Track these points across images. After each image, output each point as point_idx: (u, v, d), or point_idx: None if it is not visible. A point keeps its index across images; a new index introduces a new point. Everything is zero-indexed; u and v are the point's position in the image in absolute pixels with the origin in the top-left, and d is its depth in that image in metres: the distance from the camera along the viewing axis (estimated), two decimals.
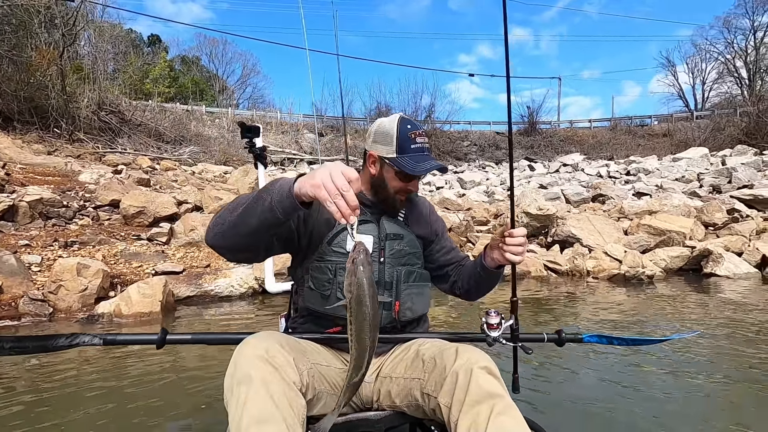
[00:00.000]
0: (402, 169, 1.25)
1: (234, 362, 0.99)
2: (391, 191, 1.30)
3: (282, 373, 0.96)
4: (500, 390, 1.02)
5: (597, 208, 8.89)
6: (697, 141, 20.80)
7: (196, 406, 2.11)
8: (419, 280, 1.34)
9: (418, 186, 1.36)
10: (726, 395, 2.23)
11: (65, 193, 6.49)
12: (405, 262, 1.31)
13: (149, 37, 33.35)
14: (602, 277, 5.46)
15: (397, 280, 1.29)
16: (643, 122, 29.05)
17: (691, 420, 1.97)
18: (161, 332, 1.25)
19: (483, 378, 1.02)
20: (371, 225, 1.30)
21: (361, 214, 1.22)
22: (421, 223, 1.41)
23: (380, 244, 1.29)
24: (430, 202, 1.51)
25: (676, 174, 12.80)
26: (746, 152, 15.29)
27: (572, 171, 15.76)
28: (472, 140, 26.63)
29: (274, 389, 0.92)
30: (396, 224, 1.34)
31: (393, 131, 1.28)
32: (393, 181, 1.29)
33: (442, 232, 1.48)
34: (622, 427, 1.93)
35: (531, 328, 3.55)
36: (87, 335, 1.19)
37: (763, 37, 31.62)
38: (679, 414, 2.03)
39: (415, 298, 1.32)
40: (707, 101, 33.72)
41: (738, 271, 5.39)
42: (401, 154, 1.26)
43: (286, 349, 1.03)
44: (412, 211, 1.41)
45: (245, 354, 0.99)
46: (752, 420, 1.97)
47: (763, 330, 3.23)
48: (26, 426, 1.89)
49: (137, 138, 17.05)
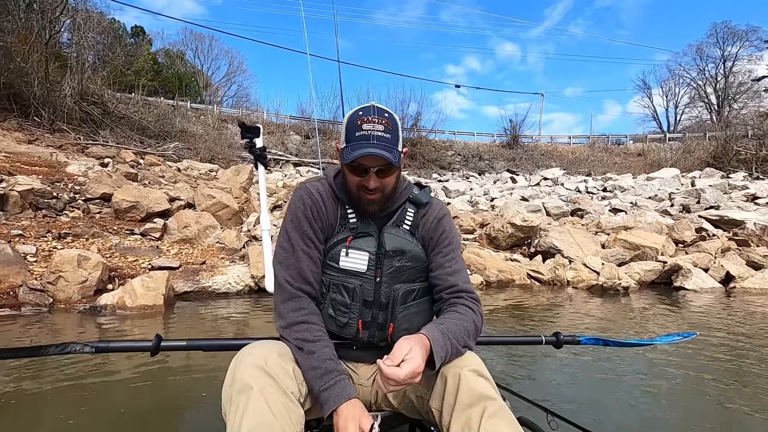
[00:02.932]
0: (344, 161, 1.15)
1: (232, 372, 0.99)
2: (354, 190, 1.20)
3: (280, 383, 0.97)
4: (491, 392, 1.00)
5: (576, 222, 9.29)
6: (669, 162, 21.79)
7: (192, 415, 2.07)
8: (420, 296, 1.26)
9: (380, 182, 1.16)
10: (717, 395, 2.29)
11: (54, 185, 6.41)
12: (405, 279, 1.23)
13: (133, 28, 32.64)
14: (581, 287, 5.77)
15: (394, 300, 1.21)
16: (619, 141, 30.22)
17: (686, 421, 2.00)
18: (155, 339, 1.22)
19: (473, 380, 1.00)
20: (370, 239, 1.21)
21: (359, 225, 1.23)
22: (428, 226, 1.29)
23: (377, 261, 1.21)
24: (446, 210, 1.35)
25: (650, 192, 13.44)
26: (714, 175, 16.16)
27: (552, 185, 16.31)
28: (457, 150, 27.12)
29: (272, 400, 0.92)
30: (398, 235, 1.24)
31: (345, 120, 1.18)
32: (348, 175, 1.19)
33: (445, 243, 1.28)
34: (622, 426, 1.95)
35: (525, 331, 3.75)
36: (78, 343, 1.17)
37: (732, 67, 33.54)
38: (671, 415, 2.07)
39: (413, 317, 1.24)
40: (679, 123, 35.49)
41: (704, 286, 5.78)
42: (347, 143, 1.15)
43: (284, 359, 1.04)
44: (422, 215, 1.29)
45: (243, 364, 0.98)
46: (746, 419, 2.00)
47: (740, 340, 3.54)
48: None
49: (120, 131, 16.70)
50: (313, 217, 1.21)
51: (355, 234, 1.22)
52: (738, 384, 2.54)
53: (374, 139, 1.11)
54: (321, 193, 1.24)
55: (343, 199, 1.26)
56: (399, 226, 1.26)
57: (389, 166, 1.15)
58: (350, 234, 1.22)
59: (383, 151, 1.10)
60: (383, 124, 1.13)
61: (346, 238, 1.21)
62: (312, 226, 1.20)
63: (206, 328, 3.45)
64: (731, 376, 2.65)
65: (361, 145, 1.11)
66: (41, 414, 1.99)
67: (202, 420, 1.99)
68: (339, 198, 1.26)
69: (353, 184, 1.19)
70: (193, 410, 2.12)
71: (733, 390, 2.44)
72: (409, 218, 1.28)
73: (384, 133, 1.12)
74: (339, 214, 1.25)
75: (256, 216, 6.84)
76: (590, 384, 2.47)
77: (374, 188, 1.16)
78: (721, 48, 34.13)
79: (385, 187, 1.18)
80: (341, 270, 1.20)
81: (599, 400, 2.27)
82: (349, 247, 1.20)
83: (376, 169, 1.14)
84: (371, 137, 1.11)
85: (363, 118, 1.13)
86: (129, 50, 26.11)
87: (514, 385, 2.34)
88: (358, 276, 1.20)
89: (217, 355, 2.59)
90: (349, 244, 1.20)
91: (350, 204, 1.25)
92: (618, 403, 2.24)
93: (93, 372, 2.47)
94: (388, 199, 1.22)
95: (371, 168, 1.14)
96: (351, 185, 1.20)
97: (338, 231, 1.24)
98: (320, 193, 1.24)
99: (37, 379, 2.36)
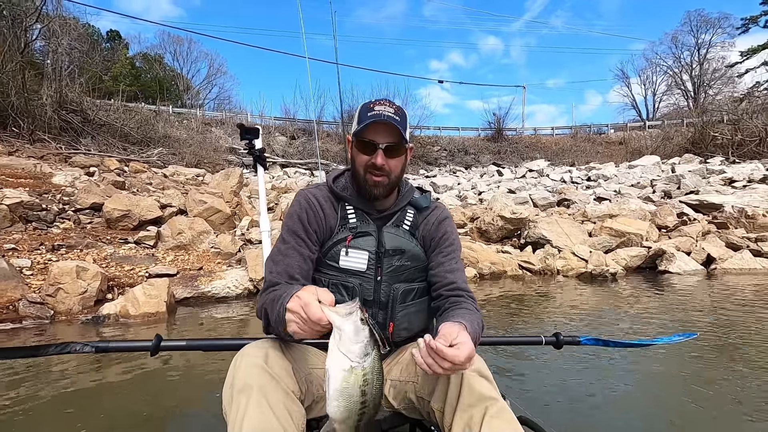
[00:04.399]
0: (355, 135, 1.22)
1: (233, 372, 0.99)
2: (361, 171, 1.23)
3: (281, 382, 0.97)
4: (493, 393, 1.00)
5: (563, 212, 9.51)
6: (650, 149, 22.33)
7: (192, 416, 2.07)
8: (420, 296, 1.28)
9: (387, 162, 1.21)
10: (718, 392, 2.28)
11: (42, 196, 6.33)
12: (404, 279, 1.25)
13: (108, 32, 31.96)
14: (571, 275, 5.95)
15: (393, 299, 1.23)
16: (600, 130, 30.80)
17: (688, 418, 2.01)
18: (155, 339, 1.21)
19: (475, 381, 1.01)
20: (370, 238, 1.24)
21: (359, 224, 1.25)
22: (429, 228, 1.33)
23: (377, 260, 1.23)
24: (448, 213, 1.40)
25: (632, 180, 13.79)
26: (692, 160, 16.65)
27: (538, 176, 16.59)
28: (442, 145, 27.33)
29: (273, 399, 0.92)
30: (398, 235, 1.27)
31: (358, 108, 1.27)
32: (357, 156, 1.24)
33: (446, 243, 1.31)
34: (621, 426, 1.97)
35: (524, 327, 3.87)
36: (78, 343, 1.16)
37: (706, 54, 34.41)
38: (674, 413, 2.07)
39: (412, 317, 1.26)
40: (657, 111, 36.32)
41: (687, 269, 6.02)
42: (359, 123, 1.22)
43: (284, 357, 1.04)
44: (423, 217, 1.33)
45: (244, 363, 0.98)
46: (745, 418, 2.01)
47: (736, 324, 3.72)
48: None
49: (102, 139, 16.45)
50: (308, 220, 1.24)
51: (354, 233, 1.24)
52: (732, 373, 2.55)
53: (384, 117, 1.18)
54: (318, 197, 1.28)
55: (344, 198, 1.29)
56: (399, 226, 1.28)
57: (397, 146, 1.21)
58: (350, 233, 1.24)
59: (393, 123, 1.18)
60: (394, 108, 1.21)
61: (345, 238, 1.23)
62: (305, 227, 1.23)
63: (210, 332, 3.50)
64: (724, 367, 2.67)
65: (372, 120, 1.18)
66: (42, 415, 1.99)
67: (203, 420, 1.99)
68: (339, 198, 1.29)
69: (361, 165, 1.22)
70: (193, 411, 2.12)
71: (727, 381, 2.44)
72: (409, 219, 1.31)
73: (395, 115, 1.20)
74: (338, 215, 1.27)
75: (248, 219, 6.87)
76: (590, 383, 2.46)
77: (381, 167, 1.20)
78: (695, 36, 35.06)
79: (391, 170, 1.22)
80: (341, 269, 1.22)
81: (599, 399, 2.25)
82: (349, 247, 1.22)
83: (384, 145, 1.19)
84: (382, 115, 1.18)
85: (376, 102, 1.22)
86: (105, 55, 25.63)
87: (515, 385, 2.40)
88: (358, 275, 1.22)
89: (217, 355, 2.67)
90: (348, 244, 1.22)
91: (352, 201, 1.28)
92: (615, 402, 2.22)
93: (93, 372, 2.48)
94: (393, 187, 1.26)
95: (380, 144, 1.19)
96: (359, 167, 1.23)
97: (338, 231, 1.26)
98: (317, 198, 1.27)
99: (38, 379, 2.36)
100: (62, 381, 2.39)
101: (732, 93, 29.00)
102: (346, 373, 0.86)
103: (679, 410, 2.13)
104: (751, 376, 2.49)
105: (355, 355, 0.87)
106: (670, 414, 2.08)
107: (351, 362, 0.86)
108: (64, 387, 2.32)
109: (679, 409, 2.14)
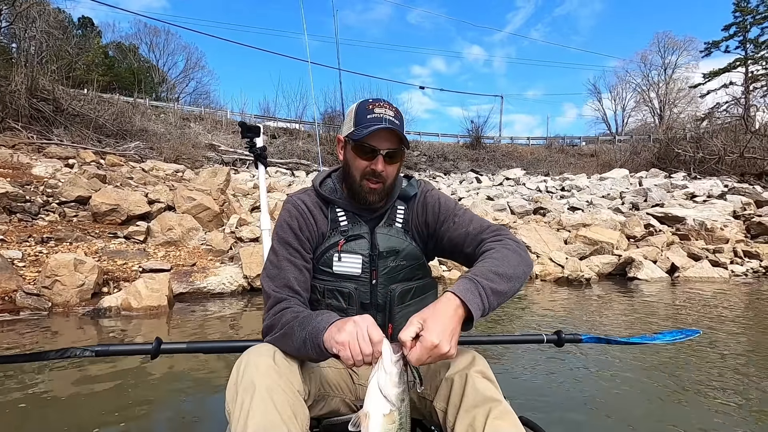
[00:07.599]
0: (354, 139, 1.16)
1: (237, 370, 0.97)
2: (357, 177, 1.19)
3: (286, 381, 0.95)
4: (496, 394, 1.00)
5: (540, 220, 9.96)
6: (619, 162, 23.38)
7: (193, 416, 2.07)
8: (418, 295, 1.26)
9: (386, 168, 1.17)
10: (718, 392, 2.32)
11: (25, 188, 6.20)
12: (401, 279, 1.23)
13: (80, 19, 30.73)
14: (549, 279, 6.31)
15: (391, 301, 1.21)
16: (573, 142, 32.01)
17: (688, 418, 2.03)
18: (155, 341, 1.19)
19: (479, 382, 1.01)
20: (362, 241, 1.21)
21: (351, 227, 1.22)
22: (422, 215, 1.27)
23: (371, 263, 1.20)
24: (429, 186, 1.34)
25: (603, 192, 14.49)
26: (658, 175, 17.60)
27: (514, 185, 17.15)
28: (422, 150, 27.73)
29: (278, 399, 0.90)
30: (392, 235, 1.24)
31: (354, 108, 1.21)
32: (355, 160, 1.19)
33: (451, 211, 1.25)
34: (620, 425, 1.98)
35: (523, 324, 4.09)
36: (78, 348, 1.16)
37: (672, 74, 36.37)
38: (675, 413, 2.10)
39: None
40: (626, 126, 38.01)
41: (654, 276, 6.48)
42: (357, 126, 1.16)
43: (290, 357, 1.03)
44: (413, 207, 1.28)
45: (250, 362, 0.97)
46: (745, 417, 2.03)
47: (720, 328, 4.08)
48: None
49: (75, 130, 15.92)
50: (299, 228, 1.20)
51: (346, 237, 1.21)
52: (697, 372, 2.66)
53: (386, 122, 1.13)
54: (307, 203, 1.24)
55: (333, 200, 1.25)
56: (391, 225, 1.25)
57: (397, 151, 1.17)
58: (341, 237, 1.21)
59: (396, 128, 1.13)
60: (394, 111, 1.17)
61: (337, 243, 1.20)
62: (297, 236, 1.20)
63: (212, 327, 3.58)
64: (725, 366, 2.75)
65: (374, 125, 1.13)
66: (43, 417, 2.00)
67: (203, 420, 1.99)
68: (328, 202, 1.26)
69: (359, 171, 1.18)
70: (193, 411, 2.12)
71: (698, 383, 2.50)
72: (401, 215, 1.27)
73: (395, 119, 1.15)
74: (329, 219, 1.24)
75: (237, 218, 6.92)
76: (591, 384, 2.48)
77: (380, 173, 1.16)
78: (662, 56, 37.00)
79: (388, 176, 1.18)
80: (335, 275, 1.20)
81: (600, 400, 2.27)
82: (342, 251, 1.19)
83: (385, 152, 1.15)
84: (383, 119, 1.13)
85: (374, 103, 1.17)
86: (77, 42, 24.72)
87: (516, 386, 2.45)
88: (353, 279, 1.19)
89: (218, 357, 2.64)
90: (340, 248, 1.19)
91: (341, 203, 1.24)
92: (616, 403, 2.24)
93: (94, 375, 2.49)
94: (389, 192, 1.23)
95: (381, 150, 1.15)
96: (355, 172, 1.19)
97: (329, 236, 1.23)
98: (306, 204, 1.24)
99: (39, 383, 2.36)
100: (62, 381, 2.40)
101: (695, 112, 30.74)
102: (386, 419, 0.86)
103: (679, 410, 2.14)
104: (753, 376, 2.58)
105: (395, 399, 0.86)
106: (671, 414, 2.08)
107: (391, 406, 0.86)
108: (64, 387, 2.32)
109: (679, 409, 2.16)
